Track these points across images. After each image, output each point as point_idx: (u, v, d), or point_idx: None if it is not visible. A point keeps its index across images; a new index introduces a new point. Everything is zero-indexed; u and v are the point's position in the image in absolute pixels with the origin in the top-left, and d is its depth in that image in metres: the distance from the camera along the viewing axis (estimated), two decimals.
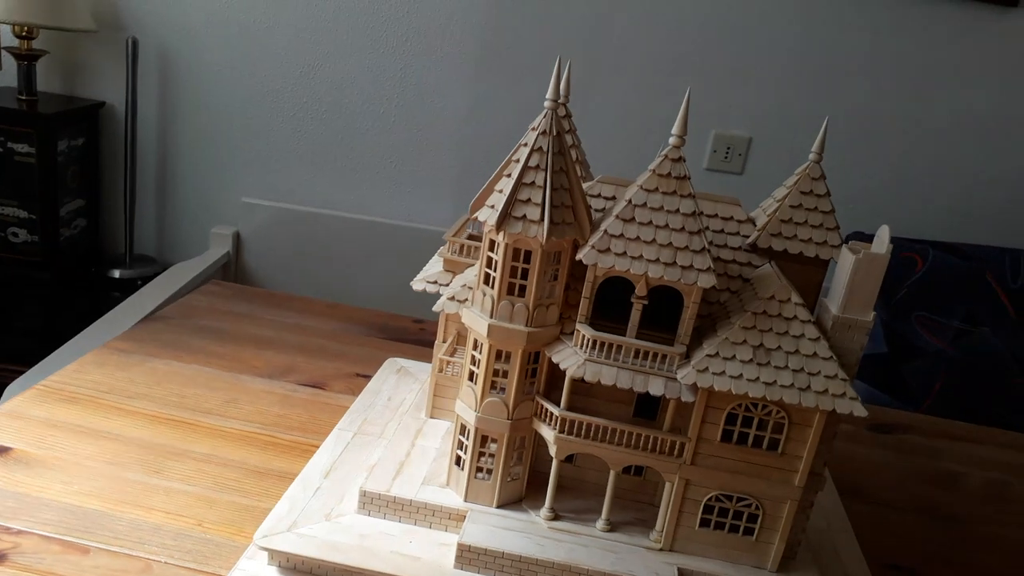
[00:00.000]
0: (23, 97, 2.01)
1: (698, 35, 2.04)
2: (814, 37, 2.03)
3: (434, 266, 0.75)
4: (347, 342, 1.09)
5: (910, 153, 2.14)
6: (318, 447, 0.75)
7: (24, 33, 1.95)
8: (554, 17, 2.05)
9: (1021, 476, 1.02)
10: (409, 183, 2.19)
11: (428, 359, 0.79)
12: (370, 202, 2.20)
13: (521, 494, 0.68)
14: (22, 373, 1.43)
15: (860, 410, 0.57)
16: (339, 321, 1.16)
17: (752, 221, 0.66)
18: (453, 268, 0.73)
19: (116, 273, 2.13)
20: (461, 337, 0.75)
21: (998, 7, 1.98)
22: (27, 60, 1.99)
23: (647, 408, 0.65)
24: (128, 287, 2.00)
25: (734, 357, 0.58)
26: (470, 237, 0.73)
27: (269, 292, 1.26)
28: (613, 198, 0.66)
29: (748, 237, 0.66)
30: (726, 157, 2.17)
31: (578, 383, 0.62)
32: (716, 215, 0.66)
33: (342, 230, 2.14)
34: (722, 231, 0.66)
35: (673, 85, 2.05)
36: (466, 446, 0.66)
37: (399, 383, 0.88)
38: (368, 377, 0.89)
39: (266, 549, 0.62)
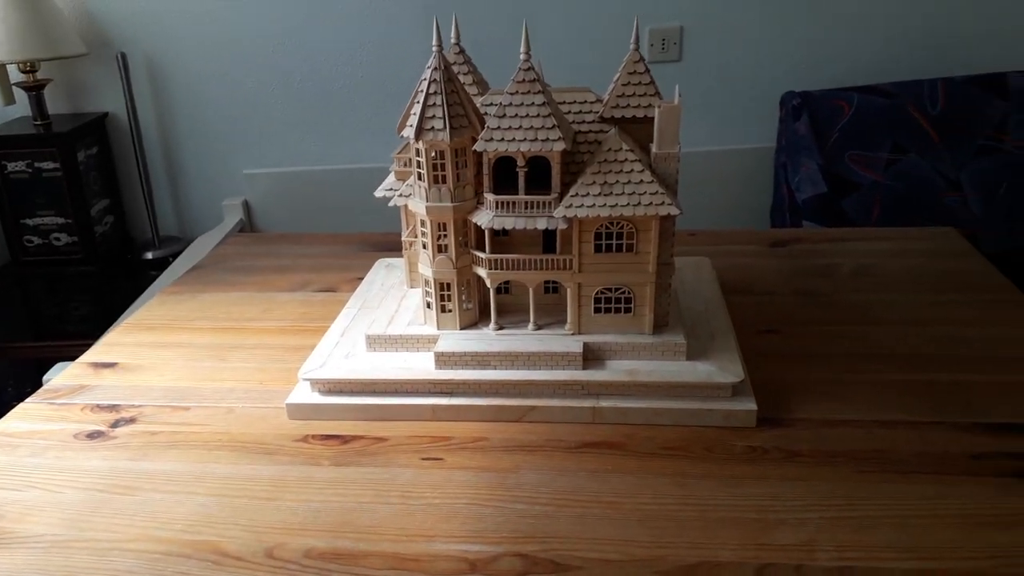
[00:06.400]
0: (38, 122, 2.30)
1: None
2: None
3: (390, 178, 1.03)
4: (349, 258, 1.38)
5: (825, 15, 2.37)
6: None
7: (28, 68, 2.23)
8: None
9: (883, 259, 1.29)
10: (383, 130, 2.46)
11: None
12: (354, 152, 2.48)
13: (475, 319, 0.97)
14: (87, 347, 1.74)
15: (674, 210, 0.85)
16: (341, 244, 1.45)
17: (600, 100, 0.93)
18: (402, 177, 1.01)
19: (149, 255, 2.45)
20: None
21: None
22: (35, 90, 2.28)
23: (549, 246, 0.93)
24: (161, 265, 2.31)
25: (588, 193, 0.86)
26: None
27: (281, 234, 1.56)
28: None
29: (599, 112, 0.93)
30: (663, 48, 2.41)
31: (495, 235, 0.90)
32: (574, 101, 0.93)
33: (333, 181, 2.43)
34: (580, 112, 0.93)
35: None
36: (431, 293, 0.94)
37: (388, 274, 1.16)
38: None
39: (308, 379, 0.92)
